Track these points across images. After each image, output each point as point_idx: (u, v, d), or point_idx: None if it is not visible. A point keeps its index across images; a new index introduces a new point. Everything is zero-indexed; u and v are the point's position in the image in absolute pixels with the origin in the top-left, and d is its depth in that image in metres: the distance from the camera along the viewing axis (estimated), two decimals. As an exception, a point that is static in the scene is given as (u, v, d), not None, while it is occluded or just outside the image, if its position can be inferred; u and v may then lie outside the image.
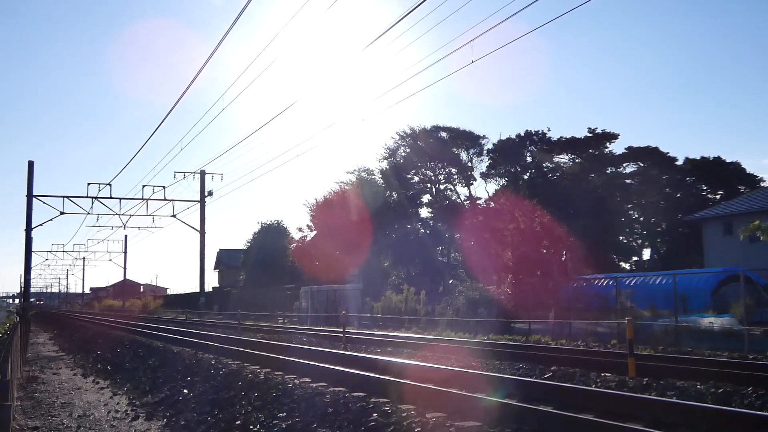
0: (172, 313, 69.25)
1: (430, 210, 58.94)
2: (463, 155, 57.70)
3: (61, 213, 40.21)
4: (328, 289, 43.04)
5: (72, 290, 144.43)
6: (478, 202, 56.37)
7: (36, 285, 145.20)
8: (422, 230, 57.48)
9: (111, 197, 40.00)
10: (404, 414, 7.61)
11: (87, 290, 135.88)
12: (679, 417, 7.33)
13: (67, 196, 40.04)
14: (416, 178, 58.80)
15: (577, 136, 55.48)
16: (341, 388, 9.85)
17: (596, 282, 28.39)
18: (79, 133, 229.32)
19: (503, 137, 56.75)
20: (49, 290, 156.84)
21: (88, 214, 41.38)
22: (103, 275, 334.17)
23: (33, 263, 47.08)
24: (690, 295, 24.17)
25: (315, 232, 56.44)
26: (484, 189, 63.56)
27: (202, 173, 43.11)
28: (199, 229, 43.64)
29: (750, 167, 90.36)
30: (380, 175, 57.73)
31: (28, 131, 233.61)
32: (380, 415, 7.69)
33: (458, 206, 55.58)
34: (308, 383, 10.56)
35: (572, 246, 30.60)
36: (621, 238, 55.08)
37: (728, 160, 52.73)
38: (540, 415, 7.22)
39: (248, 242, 70.48)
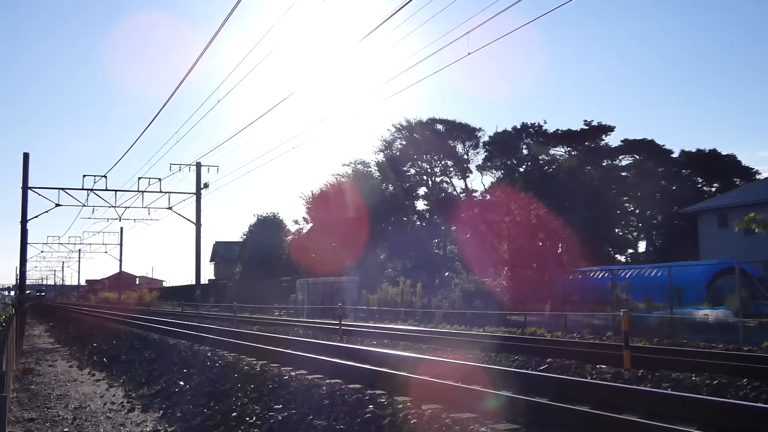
0: (168, 305, 69.19)
1: (426, 203, 58.95)
2: (459, 148, 57.69)
3: (57, 205, 40.17)
4: (324, 282, 43.05)
5: (68, 282, 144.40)
6: (474, 194, 56.47)
7: (32, 277, 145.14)
8: (418, 223, 57.51)
9: (106, 189, 39.99)
10: (400, 406, 7.61)
11: (83, 282, 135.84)
12: (674, 408, 7.35)
13: (62, 188, 40.03)
14: (412, 171, 58.78)
15: (573, 128, 55.57)
16: (337, 380, 9.84)
17: (592, 274, 28.46)
18: (74, 125, 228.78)
19: (499, 130, 56.84)
20: (44, 282, 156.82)
21: (84, 206, 41.39)
22: (98, 267, 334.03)
23: (28, 255, 46.97)
24: (685, 287, 24.24)
25: (311, 225, 56.43)
26: (480, 181, 63.59)
27: (198, 165, 43.07)
28: (195, 221, 43.61)
29: (745, 160, 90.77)
30: (376, 168, 57.71)
31: (24, 123, 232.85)
32: (376, 407, 7.69)
33: (454, 199, 55.60)
34: (304, 375, 10.56)
35: (568, 238, 30.64)
36: (617, 230, 55.18)
37: (724, 153, 52.91)
38: (535, 407, 7.24)
39: (244, 235, 70.47)
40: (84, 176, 39.65)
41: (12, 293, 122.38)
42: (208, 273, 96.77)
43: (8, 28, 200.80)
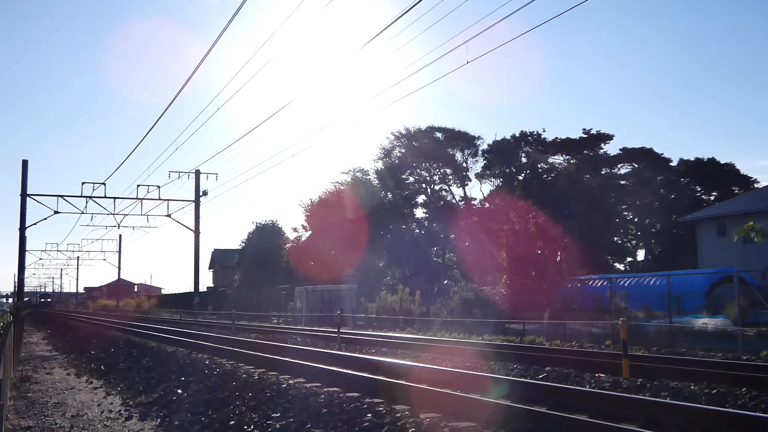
0: (166, 313, 69.09)
1: (425, 210, 58.97)
2: (458, 156, 57.75)
3: (56, 212, 40.17)
4: (323, 290, 43.00)
5: (66, 290, 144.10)
6: (473, 202, 56.47)
7: (30, 284, 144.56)
8: (417, 231, 57.50)
9: (105, 197, 39.99)
10: (398, 414, 7.61)
11: (81, 290, 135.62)
12: (673, 418, 7.34)
13: (61, 196, 40.01)
14: (411, 179, 58.80)
15: (572, 136, 55.65)
16: (335, 389, 9.83)
17: (591, 283, 28.43)
18: (73, 132, 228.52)
19: (498, 138, 56.89)
20: (43, 289, 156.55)
21: (83, 213, 41.37)
22: (97, 275, 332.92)
23: (27, 262, 46.96)
24: (684, 296, 24.23)
25: (310, 233, 56.42)
26: (479, 190, 63.71)
27: (197, 173, 43.11)
28: (193, 228, 43.61)
29: (744, 168, 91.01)
30: (375, 176, 57.74)
31: (23, 130, 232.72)
32: (374, 415, 7.68)
33: (453, 207, 55.63)
34: (302, 383, 10.55)
35: (567, 247, 30.60)
36: (615, 238, 55.20)
37: (722, 162, 52.98)
38: (534, 416, 7.23)
39: (243, 242, 70.43)
40: (83, 183, 39.97)
41: (11, 300, 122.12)
42: (206, 280, 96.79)
43: (7, 33, 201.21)
